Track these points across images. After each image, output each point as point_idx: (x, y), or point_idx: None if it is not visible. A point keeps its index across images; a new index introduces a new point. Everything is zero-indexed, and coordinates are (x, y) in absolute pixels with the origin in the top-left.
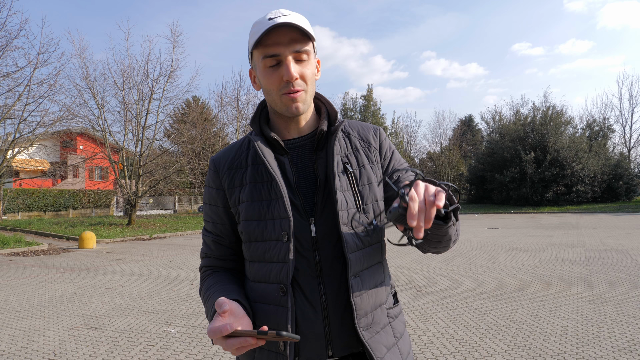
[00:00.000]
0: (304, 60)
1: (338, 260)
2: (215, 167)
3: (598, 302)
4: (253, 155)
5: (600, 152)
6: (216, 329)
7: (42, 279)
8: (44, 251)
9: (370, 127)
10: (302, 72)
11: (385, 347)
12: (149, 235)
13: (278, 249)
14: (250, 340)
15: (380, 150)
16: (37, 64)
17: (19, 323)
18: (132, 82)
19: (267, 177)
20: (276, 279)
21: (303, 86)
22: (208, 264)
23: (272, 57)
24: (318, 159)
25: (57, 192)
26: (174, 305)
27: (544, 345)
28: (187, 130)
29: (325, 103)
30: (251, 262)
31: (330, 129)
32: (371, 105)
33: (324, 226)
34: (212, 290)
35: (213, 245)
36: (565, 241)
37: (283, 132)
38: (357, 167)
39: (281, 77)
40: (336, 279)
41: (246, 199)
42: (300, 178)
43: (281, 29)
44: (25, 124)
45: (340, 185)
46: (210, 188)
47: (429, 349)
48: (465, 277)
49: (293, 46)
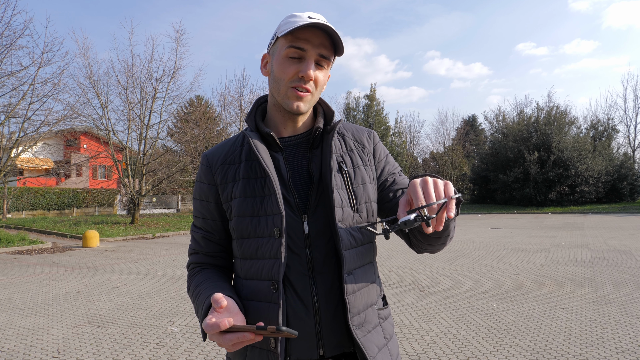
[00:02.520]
0: (323, 68)
1: (330, 258)
2: (208, 162)
3: (602, 303)
4: (247, 151)
5: (604, 152)
6: (214, 324)
7: (46, 277)
8: (47, 249)
9: (364, 130)
10: (317, 76)
11: (377, 346)
12: (152, 234)
13: (270, 245)
14: (248, 335)
15: (374, 153)
16: (41, 63)
17: (23, 321)
18: (135, 82)
19: (260, 173)
20: (268, 276)
21: (313, 89)
22: (197, 260)
23: (298, 49)
24: (313, 157)
25: (61, 191)
26: (177, 303)
27: (547, 346)
28: (190, 129)
29: (322, 103)
30: (242, 259)
31: (326, 128)
32: (374, 105)
33: (317, 224)
34: (203, 287)
35: (202, 242)
36: (568, 242)
37: (279, 128)
38: (351, 167)
39: (297, 71)
40: (328, 277)
41: (239, 195)
42: (294, 175)
43: (316, 30)
44: (30, 122)
45: (336, 184)
46: (201, 183)
47: (431, 349)
48: (468, 277)
49: (320, 50)
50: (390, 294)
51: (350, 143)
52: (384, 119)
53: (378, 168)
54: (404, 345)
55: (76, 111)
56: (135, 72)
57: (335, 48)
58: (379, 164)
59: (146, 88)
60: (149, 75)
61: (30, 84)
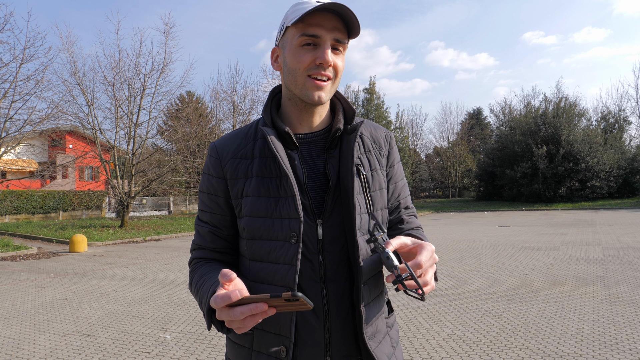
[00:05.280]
0: (340, 52)
1: (343, 265)
2: (217, 154)
3: (615, 303)
4: (261, 147)
5: (615, 145)
6: (224, 295)
7: (32, 284)
8: (33, 255)
9: (382, 129)
10: (336, 62)
11: (387, 356)
12: (142, 238)
13: (285, 250)
14: (261, 306)
15: (388, 157)
16: (23, 59)
17: (8, 331)
18: (123, 77)
19: (276, 172)
20: (281, 282)
21: (332, 75)
22: (201, 255)
23: (311, 36)
24: (330, 158)
25: (46, 194)
26: (170, 310)
27: (559, 348)
28: (182, 127)
29: (342, 100)
30: (252, 260)
31: (347, 128)
32: (374, 98)
33: (332, 229)
34: (208, 277)
35: (208, 237)
36: (580, 239)
37: (294, 124)
38: (369, 171)
39: (314, 58)
40: (340, 285)
41: (252, 194)
42: (310, 176)
43: (327, 14)
44: (12, 122)
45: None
46: (210, 176)
47: (437, 353)
48: (475, 277)
49: (334, 34)
50: (394, 297)
51: (368, 143)
52: (385, 113)
53: (388, 174)
54: (409, 350)
55: (61, 109)
56: (122, 67)
57: (349, 30)
58: (390, 169)
59: (134, 84)
60: (136, 70)
61: (12, 82)
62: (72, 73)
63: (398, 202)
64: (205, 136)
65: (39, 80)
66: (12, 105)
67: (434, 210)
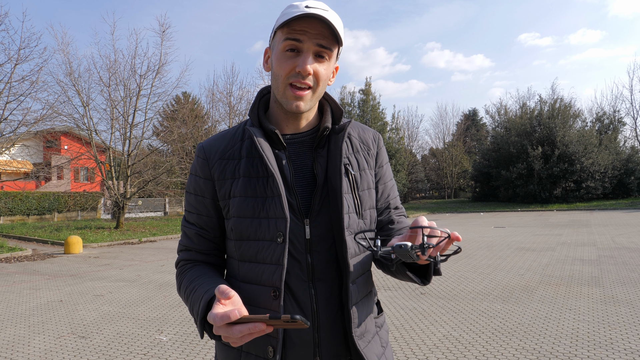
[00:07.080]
0: (324, 59)
1: (331, 265)
2: (205, 155)
3: (610, 303)
4: (248, 147)
5: (610, 146)
6: (224, 315)
7: (27, 286)
8: (27, 257)
9: (370, 130)
10: (318, 69)
11: (376, 356)
12: (138, 239)
13: (272, 250)
14: (260, 326)
15: (376, 158)
16: (18, 60)
17: (2, 333)
18: (118, 78)
19: (263, 172)
20: (268, 282)
21: (313, 83)
22: (188, 257)
23: (294, 40)
24: (318, 157)
25: (41, 195)
26: (166, 312)
27: (554, 348)
28: (177, 128)
29: (330, 100)
30: (241, 261)
31: (334, 128)
32: (370, 99)
33: (319, 229)
34: (199, 282)
35: (196, 238)
36: (575, 240)
37: (281, 124)
38: (357, 170)
39: (294, 65)
40: (328, 284)
41: (239, 194)
42: (298, 176)
43: (313, 20)
44: (7, 123)
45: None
46: (197, 177)
47: (433, 354)
48: (471, 278)
49: (318, 40)
50: (390, 298)
51: (356, 143)
52: (381, 114)
53: (377, 174)
54: (405, 350)
55: (56, 110)
56: (118, 68)
57: (336, 38)
58: (379, 170)
59: (130, 85)
60: (132, 71)
61: (6, 82)
62: (67, 74)
63: (388, 203)
64: (201, 137)
65: (34, 81)
66: (7, 106)
67: (430, 211)
